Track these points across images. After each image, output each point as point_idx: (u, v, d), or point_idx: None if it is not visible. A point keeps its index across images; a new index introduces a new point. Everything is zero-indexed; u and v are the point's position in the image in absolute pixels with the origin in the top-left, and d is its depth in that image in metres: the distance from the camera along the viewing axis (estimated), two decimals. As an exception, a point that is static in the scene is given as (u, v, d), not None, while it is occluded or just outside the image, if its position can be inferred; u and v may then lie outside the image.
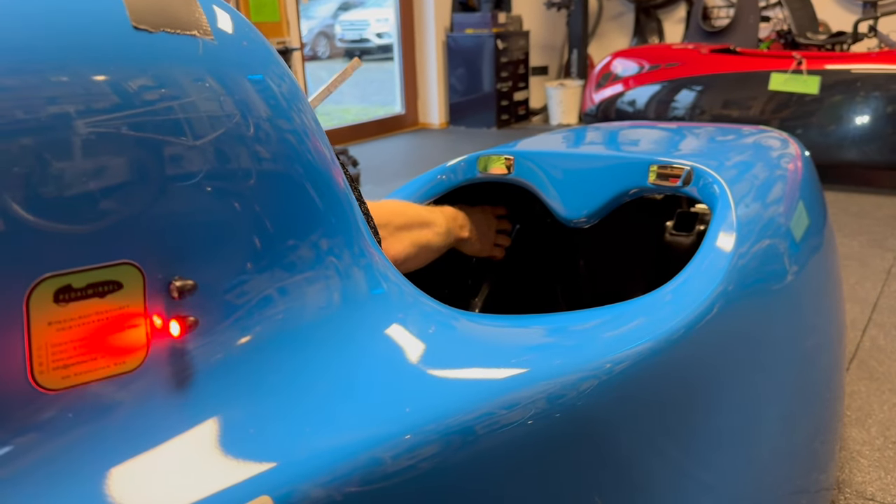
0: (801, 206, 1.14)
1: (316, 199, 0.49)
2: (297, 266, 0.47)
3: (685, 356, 0.68)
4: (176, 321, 0.40)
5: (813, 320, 1.08)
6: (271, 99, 0.48)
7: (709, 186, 1.02)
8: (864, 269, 2.54)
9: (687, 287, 0.77)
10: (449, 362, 0.52)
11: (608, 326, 0.65)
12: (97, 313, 0.38)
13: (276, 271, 0.46)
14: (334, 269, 0.50)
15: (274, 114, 0.48)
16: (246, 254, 0.44)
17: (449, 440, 0.46)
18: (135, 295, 0.39)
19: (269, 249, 0.45)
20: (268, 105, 0.47)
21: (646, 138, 1.38)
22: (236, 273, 0.43)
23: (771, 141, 1.41)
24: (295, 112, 0.50)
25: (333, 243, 0.50)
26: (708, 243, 0.85)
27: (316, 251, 0.49)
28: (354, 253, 0.52)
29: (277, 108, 0.48)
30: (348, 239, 0.51)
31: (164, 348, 0.40)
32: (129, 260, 0.39)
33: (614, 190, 1.10)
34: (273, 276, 0.46)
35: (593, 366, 0.57)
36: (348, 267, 0.51)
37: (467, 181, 1.20)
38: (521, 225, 1.48)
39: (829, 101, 3.69)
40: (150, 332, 0.40)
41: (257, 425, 0.41)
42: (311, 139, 0.50)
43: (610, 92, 4.22)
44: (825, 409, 1.15)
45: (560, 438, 0.53)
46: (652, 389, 0.63)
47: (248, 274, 0.44)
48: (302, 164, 0.49)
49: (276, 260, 0.46)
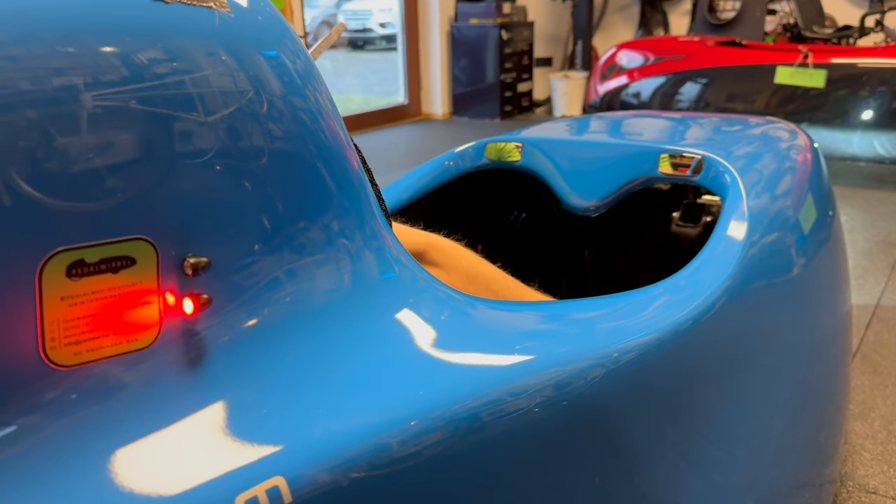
0: (810, 199, 1.13)
1: (329, 180, 0.49)
2: (309, 247, 0.47)
3: (694, 346, 0.68)
4: (189, 299, 0.40)
5: (819, 314, 1.07)
6: (286, 76, 0.47)
7: (720, 176, 1.01)
8: (869, 263, 2.53)
9: (699, 276, 0.76)
10: (459, 348, 0.52)
11: (619, 315, 0.65)
12: (110, 289, 0.37)
13: (288, 252, 0.45)
14: (346, 252, 0.49)
15: (288, 91, 0.47)
16: (259, 233, 0.43)
17: (456, 426, 0.46)
18: (148, 271, 0.38)
19: (281, 229, 0.45)
20: (282, 82, 0.47)
21: (654, 127, 1.37)
22: (249, 252, 0.43)
23: (779, 132, 1.40)
24: (309, 90, 0.49)
25: (346, 225, 0.49)
26: (719, 233, 0.85)
27: (328, 232, 0.48)
28: (367, 235, 0.51)
29: (292, 85, 0.47)
30: (360, 221, 0.51)
31: (176, 326, 0.40)
32: (142, 236, 0.38)
33: (624, 178, 1.09)
34: (286, 257, 0.45)
35: (601, 354, 0.57)
36: (360, 249, 0.50)
37: (475, 168, 1.20)
38: (528, 214, 1.47)
39: (834, 95, 3.68)
40: (163, 310, 0.39)
41: (268, 407, 0.41)
42: (325, 118, 0.49)
43: (614, 84, 4.21)
44: (830, 402, 1.15)
45: (567, 426, 0.53)
46: (659, 379, 0.63)
47: (260, 254, 0.43)
48: (315, 143, 0.48)
49: (289, 240, 0.45)
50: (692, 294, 0.72)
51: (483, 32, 5.57)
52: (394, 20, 5.83)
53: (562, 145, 1.15)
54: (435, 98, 5.82)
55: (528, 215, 1.47)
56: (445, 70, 5.76)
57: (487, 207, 1.39)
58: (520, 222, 1.48)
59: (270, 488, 0.37)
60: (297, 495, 0.37)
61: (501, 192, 1.40)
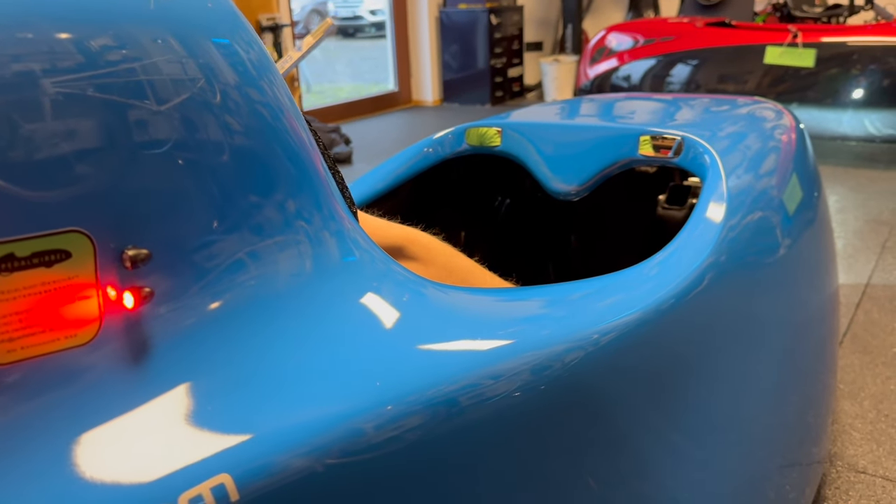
0: (795, 179, 1.12)
1: (281, 169, 0.47)
2: (260, 233, 0.45)
3: (673, 328, 0.67)
4: (130, 292, 0.38)
5: (805, 294, 1.07)
6: (237, 64, 0.46)
7: (699, 157, 1.00)
8: (860, 242, 2.53)
9: (675, 259, 0.75)
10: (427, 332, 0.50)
11: (593, 297, 0.63)
12: (44, 284, 0.36)
13: (239, 238, 0.44)
14: (303, 236, 0.48)
15: (239, 79, 0.45)
16: (204, 223, 0.42)
17: (431, 412, 0.44)
18: (85, 265, 0.37)
19: (228, 217, 0.43)
20: (233, 70, 0.45)
21: (637, 109, 1.35)
22: (194, 243, 0.41)
23: (765, 112, 1.39)
24: (262, 80, 0.47)
25: (300, 208, 0.48)
26: (697, 215, 0.84)
27: (281, 218, 0.47)
28: (324, 220, 0.50)
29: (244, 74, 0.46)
30: (316, 206, 0.49)
31: (118, 321, 0.38)
32: (78, 228, 0.37)
33: (603, 161, 1.08)
34: (236, 244, 0.44)
35: (579, 337, 0.55)
36: (317, 234, 0.49)
37: (455, 154, 1.18)
38: (511, 199, 1.46)
39: (825, 74, 3.66)
40: (103, 304, 0.38)
41: (218, 400, 0.40)
42: (278, 109, 0.48)
43: (605, 67, 4.18)
44: (817, 382, 1.14)
45: (546, 411, 0.52)
46: (640, 361, 0.62)
47: (206, 243, 0.42)
48: (265, 131, 0.46)
49: (239, 226, 0.44)
50: (670, 276, 0.71)
51: (472, 17, 5.53)
52: (384, 7, 5.78)
53: (542, 129, 1.14)
54: (425, 85, 5.78)
55: (512, 201, 1.46)
56: (435, 56, 5.72)
57: (470, 194, 1.38)
58: (504, 208, 1.47)
59: (216, 486, 0.36)
60: (245, 493, 0.36)
61: (484, 178, 1.38)
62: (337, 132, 4.15)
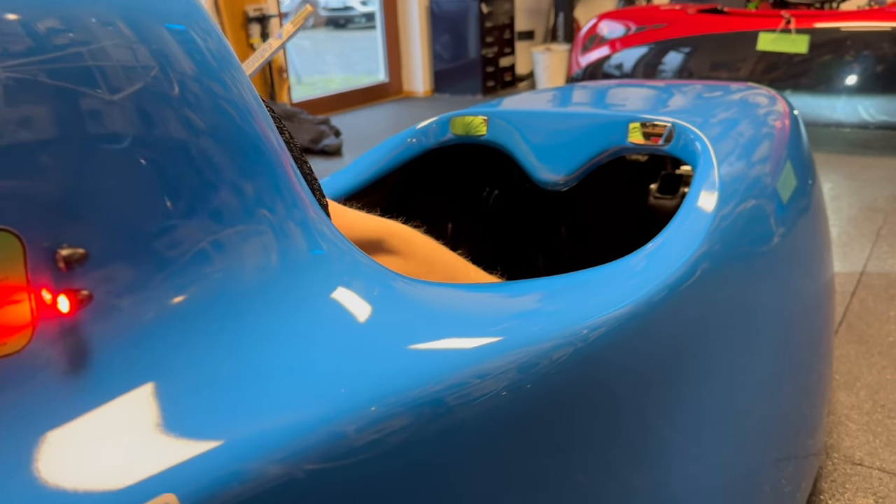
0: (789, 166, 1.10)
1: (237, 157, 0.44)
2: (217, 225, 0.42)
3: (664, 321, 0.64)
4: (65, 295, 0.35)
5: (800, 283, 1.04)
6: (194, 52, 0.43)
7: (690, 144, 0.96)
8: (854, 230, 2.50)
9: (665, 250, 0.72)
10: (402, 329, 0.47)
11: (580, 291, 0.61)
12: (-34, 288, 0.32)
13: (190, 233, 0.40)
14: (264, 230, 0.45)
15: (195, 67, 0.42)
16: (152, 218, 0.39)
17: (411, 414, 0.42)
18: (14, 266, 0.34)
19: (178, 211, 0.40)
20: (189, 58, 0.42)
21: (628, 96, 1.32)
22: (137, 241, 0.38)
23: (758, 98, 1.36)
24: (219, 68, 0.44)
25: (259, 200, 0.44)
26: (689, 204, 0.81)
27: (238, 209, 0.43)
28: (287, 212, 0.46)
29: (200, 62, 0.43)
30: (278, 194, 0.46)
31: (52, 327, 0.35)
32: (5, 226, 0.33)
33: (592, 150, 1.05)
34: (188, 239, 0.40)
35: (567, 333, 0.53)
36: (280, 226, 0.46)
37: (439, 144, 1.15)
38: (500, 190, 1.43)
39: (818, 60, 3.64)
40: (36, 309, 0.34)
41: (164, 410, 0.36)
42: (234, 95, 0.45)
43: (596, 55, 4.14)
44: (813, 372, 1.12)
45: (533, 410, 0.49)
46: (631, 356, 0.59)
47: (156, 239, 0.39)
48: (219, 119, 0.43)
49: (190, 221, 0.40)
50: (660, 268, 0.68)
51: (463, 7, 5.48)
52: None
53: (529, 117, 1.10)
54: (416, 75, 5.73)
55: (500, 191, 1.43)
56: (426, 47, 5.67)
57: (457, 185, 1.35)
58: (492, 199, 1.43)
59: (157, 509, 0.32)
60: (196, 514, 0.33)
61: (471, 169, 1.35)
62: (326, 124, 4.10)
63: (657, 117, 1.04)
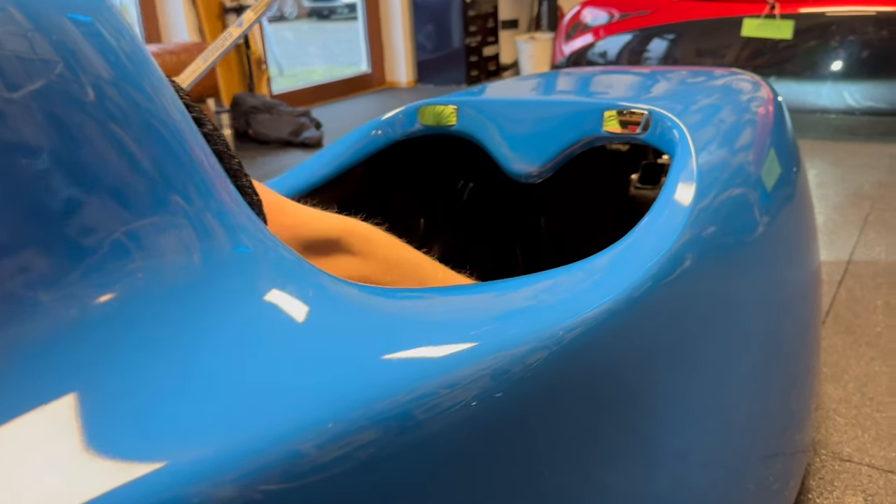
0: (773, 154, 1.05)
1: (145, 141, 0.38)
2: (121, 221, 0.36)
3: (643, 318, 0.60)
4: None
5: (786, 273, 1.00)
6: (100, 45, 0.37)
7: (667, 132, 0.91)
8: (841, 217, 2.47)
9: (640, 245, 0.67)
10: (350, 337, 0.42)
11: (552, 292, 0.56)
12: None
13: (95, 227, 0.35)
14: (182, 220, 0.39)
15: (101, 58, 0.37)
16: (54, 213, 0.33)
17: (373, 427, 0.36)
18: None
19: (76, 207, 0.34)
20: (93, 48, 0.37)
21: (606, 83, 1.27)
22: (20, 242, 0.33)
23: (741, 84, 1.31)
24: (124, 57, 0.39)
25: (171, 186, 0.39)
26: (665, 196, 0.76)
27: (148, 196, 0.38)
28: (204, 197, 0.41)
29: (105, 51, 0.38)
30: (192, 186, 0.41)
31: None
32: None
33: (565, 139, 0.99)
34: (95, 234, 0.35)
35: (540, 336, 0.48)
36: (198, 217, 0.40)
37: (407, 135, 1.09)
38: (474, 183, 1.37)
39: (803, 46, 3.60)
40: None
41: (63, 436, 0.31)
42: (140, 86, 0.39)
43: (580, 43, 4.09)
44: (800, 366, 1.08)
45: (508, 419, 0.45)
46: (610, 356, 0.55)
47: (38, 242, 0.33)
48: (123, 112, 0.38)
49: (93, 216, 0.35)
50: (635, 264, 0.63)
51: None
52: (355, -13, 5.65)
53: (500, 106, 1.05)
54: (399, 66, 5.66)
55: (475, 184, 1.37)
56: (408, 36, 5.60)
57: (429, 178, 1.29)
58: (466, 192, 1.38)
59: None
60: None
61: (444, 160, 1.29)
62: (307, 116, 4.03)
63: (634, 105, 0.99)
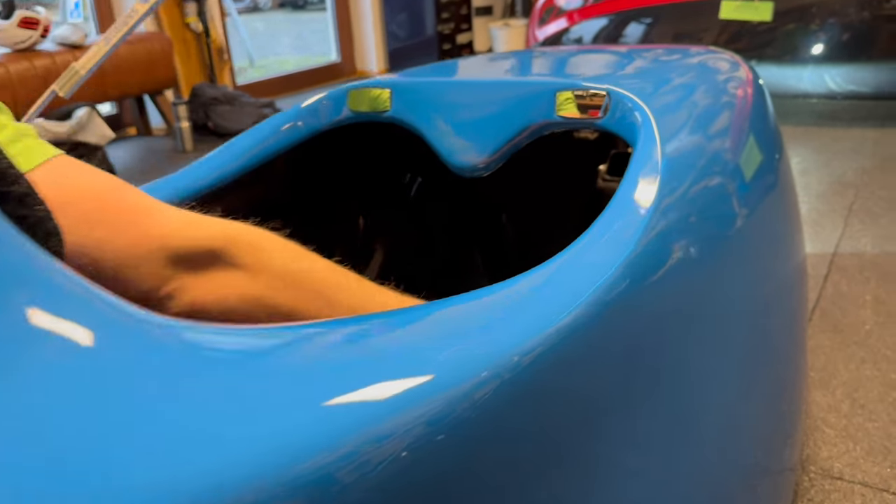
0: (752, 140, 0.93)
1: None
2: None
3: (604, 335, 0.51)
4: None
5: (769, 271, 0.89)
6: None
7: (628, 116, 0.78)
8: (825, 206, 2.35)
9: (592, 251, 0.56)
10: None
11: (494, 313, 0.46)
12: None
13: None
14: None
15: None
16: None
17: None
18: None
19: None
20: None
21: (565, 62, 1.13)
22: None
23: (717, 63, 1.18)
24: None
25: None
26: (621, 194, 0.63)
27: None
28: None
29: None
30: None
31: None
32: None
33: (512, 127, 0.85)
34: None
35: (487, 365, 0.40)
36: None
37: (335, 124, 0.95)
38: (424, 176, 1.23)
39: (783, 29, 3.50)
40: None
41: None
42: None
43: (554, 28, 3.94)
44: (787, 371, 0.97)
45: (450, 467, 0.37)
46: (572, 379, 0.47)
47: None
48: None
49: None
50: (586, 276, 0.52)
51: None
52: (327, -25, 5.47)
53: (439, 89, 0.91)
54: (369, 55, 5.50)
55: (425, 178, 1.23)
56: (379, 24, 5.43)
57: (369, 173, 1.15)
58: (415, 187, 1.23)
59: None
60: None
61: (387, 152, 1.15)
62: (271, 107, 3.87)
63: (593, 85, 0.85)
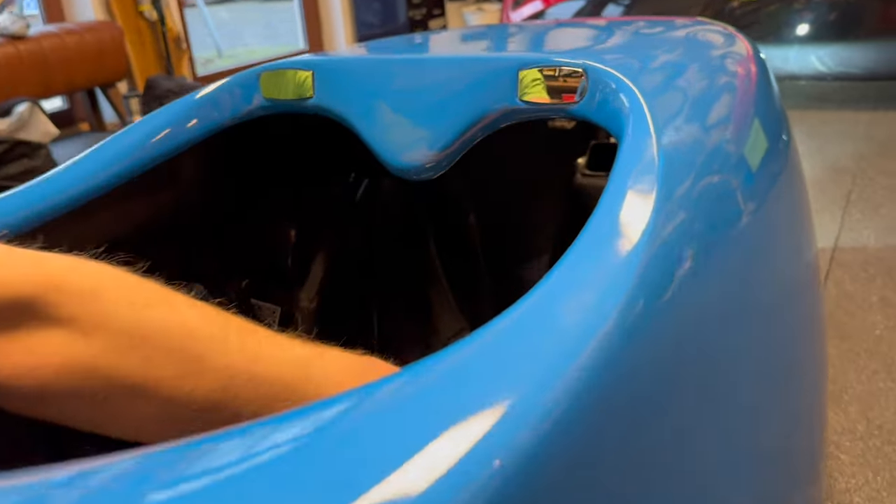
0: (758, 126, 0.76)
1: None
2: None
3: (599, 416, 0.37)
4: None
5: (784, 277, 0.74)
6: None
7: (612, 99, 0.60)
8: (822, 195, 2.19)
9: (579, 288, 0.40)
10: None
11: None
12: None
13: None
14: None
15: None
16: None
17: None
18: None
19: None
20: None
21: (533, 35, 0.95)
22: None
23: (711, 36, 1.01)
24: None
25: None
26: (611, 193, 0.46)
27: None
28: None
29: None
30: None
31: None
32: None
33: (465, 116, 0.67)
34: None
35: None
36: None
37: (244, 116, 0.76)
38: (371, 176, 1.05)
39: (766, 9, 3.36)
40: None
41: None
42: None
43: (528, 11, 3.76)
44: (808, 395, 0.81)
45: None
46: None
47: None
48: None
49: None
50: (570, 336, 0.37)
51: (386, -35, 5.04)
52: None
53: (373, 69, 0.72)
54: (338, 42, 5.28)
55: (373, 178, 1.04)
56: (347, 10, 5.22)
57: (305, 173, 0.96)
58: (362, 189, 1.05)
59: None
60: None
61: (325, 147, 0.96)
62: (232, 99, 3.65)
63: (566, 60, 0.67)
